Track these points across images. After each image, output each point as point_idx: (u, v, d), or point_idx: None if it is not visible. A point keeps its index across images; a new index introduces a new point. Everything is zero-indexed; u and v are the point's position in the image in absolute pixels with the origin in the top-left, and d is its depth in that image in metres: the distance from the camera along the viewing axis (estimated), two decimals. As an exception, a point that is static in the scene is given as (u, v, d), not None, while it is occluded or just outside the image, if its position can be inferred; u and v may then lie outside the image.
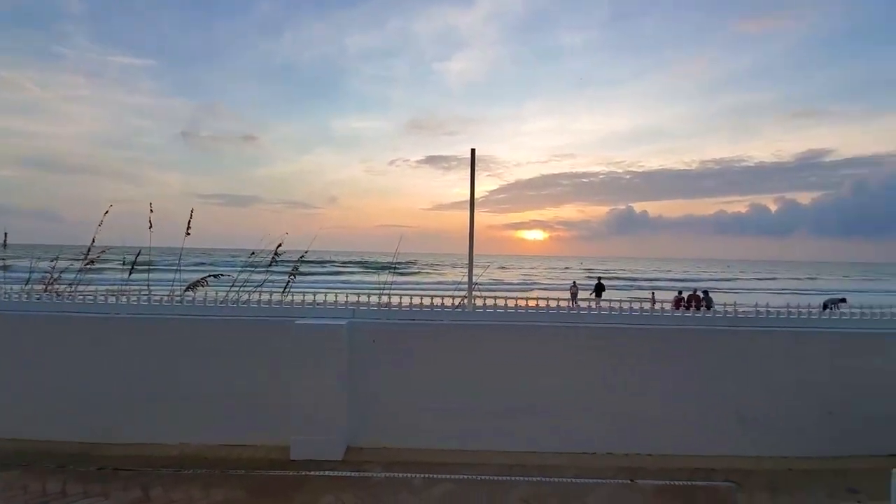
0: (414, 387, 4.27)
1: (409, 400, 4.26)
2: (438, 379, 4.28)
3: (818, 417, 4.25)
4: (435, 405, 4.26)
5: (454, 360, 4.29)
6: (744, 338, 4.37)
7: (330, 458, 3.97)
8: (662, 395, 4.27)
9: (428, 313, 4.42)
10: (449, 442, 4.23)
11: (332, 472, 3.79)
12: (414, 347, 4.31)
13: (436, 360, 4.29)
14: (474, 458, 4.06)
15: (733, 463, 4.05)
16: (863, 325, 4.50)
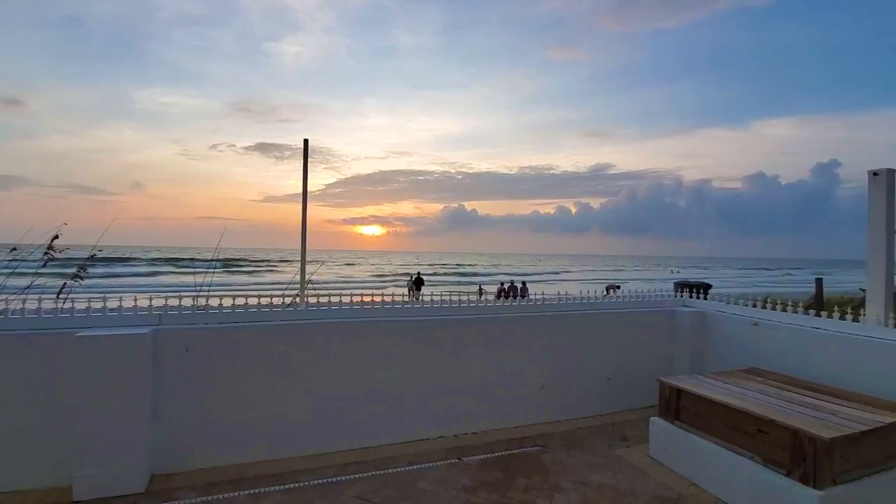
0: (238, 395, 3.89)
1: (233, 411, 3.87)
2: (267, 383, 3.98)
3: (600, 382, 5.20)
4: (264, 412, 3.95)
5: (284, 362, 4.04)
6: (547, 320, 5.08)
7: (128, 493, 3.36)
8: (482, 377, 4.71)
9: (254, 314, 4.07)
10: (280, 450, 3.97)
11: (131, 507, 3.22)
12: (238, 352, 3.92)
13: (264, 363, 3.98)
14: (310, 463, 3.89)
15: (539, 429, 4.70)
16: (630, 306, 5.65)
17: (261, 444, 3.94)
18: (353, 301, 4.47)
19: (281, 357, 4.03)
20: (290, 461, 3.92)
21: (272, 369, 4.00)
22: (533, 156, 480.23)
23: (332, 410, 4.15)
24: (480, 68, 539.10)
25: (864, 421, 3.16)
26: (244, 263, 62.88)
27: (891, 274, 4.17)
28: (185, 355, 3.76)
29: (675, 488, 3.62)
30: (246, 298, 4.12)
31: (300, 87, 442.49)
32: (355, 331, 4.28)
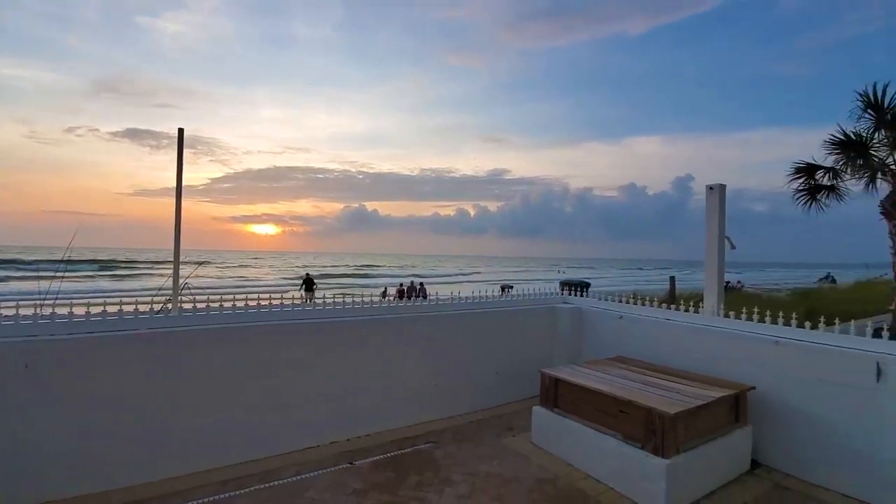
0: (93, 416, 3.41)
1: (89, 433, 3.38)
2: (130, 400, 3.54)
3: (490, 377, 5.47)
4: (127, 432, 3.51)
5: (151, 376, 3.63)
6: (441, 320, 5.22)
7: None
8: (376, 378, 4.69)
9: (115, 322, 3.60)
10: (146, 474, 3.56)
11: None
12: (94, 368, 3.44)
13: (126, 378, 3.54)
14: (183, 485, 3.54)
15: (433, 426, 4.81)
16: (517, 304, 6.03)
17: (123, 468, 3.50)
18: (236, 304, 4.17)
19: (146, 370, 3.62)
20: (160, 485, 3.53)
21: (135, 384, 3.58)
22: (434, 158, 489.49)
23: (209, 424, 3.83)
24: (383, 69, 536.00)
25: (700, 397, 3.73)
26: (112, 265, 55.29)
27: (722, 272, 4.97)
28: (24, 373, 3.21)
29: (553, 470, 3.94)
30: (104, 305, 3.63)
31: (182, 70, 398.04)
32: (237, 337, 4.00)
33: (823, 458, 3.76)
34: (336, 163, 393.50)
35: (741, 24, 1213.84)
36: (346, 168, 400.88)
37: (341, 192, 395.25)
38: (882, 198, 11.05)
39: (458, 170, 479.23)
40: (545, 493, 3.58)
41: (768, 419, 4.07)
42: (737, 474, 3.91)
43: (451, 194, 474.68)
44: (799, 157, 12.13)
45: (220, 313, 4.06)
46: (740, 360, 4.33)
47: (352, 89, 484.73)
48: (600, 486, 3.69)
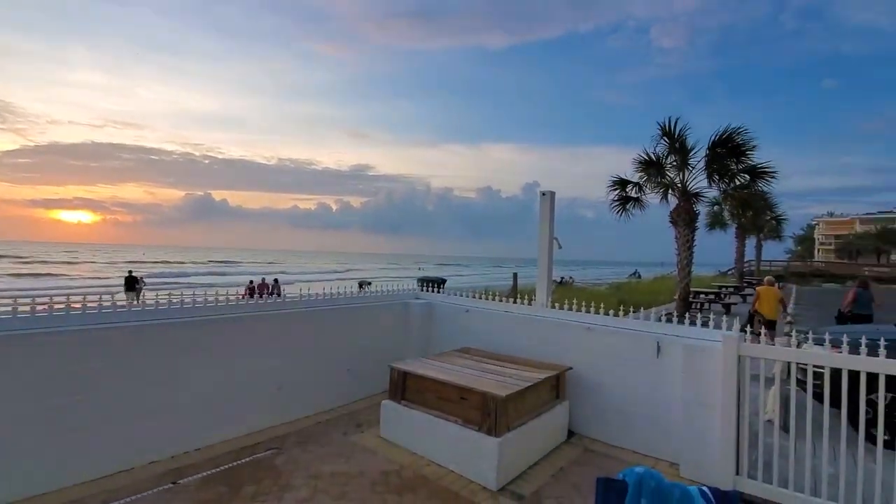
0: None
1: None
2: None
3: (341, 374, 5.37)
4: None
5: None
6: (289, 318, 4.95)
7: None
8: (209, 385, 4.25)
9: None
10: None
11: None
12: None
13: None
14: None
15: (276, 431, 4.54)
16: (370, 300, 6.02)
17: None
18: (18, 309, 3.38)
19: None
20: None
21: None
22: (295, 149, 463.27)
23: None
24: (236, 44, 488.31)
25: (528, 379, 4.17)
26: None
27: (551, 268, 5.64)
28: None
29: (399, 461, 4.03)
30: None
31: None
32: (26, 346, 3.25)
33: (621, 422, 4.52)
34: (176, 144, 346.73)
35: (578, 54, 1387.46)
36: (189, 151, 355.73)
37: (182, 177, 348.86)
38: (671, 209, 13.71)
39: (320, 162, 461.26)
40: (389, 484, 3.64)
41: (582, 394, 4.73)
42: (557, 444, 4.47)
43: (312, 187, 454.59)
44: (616, 173, 14.38)
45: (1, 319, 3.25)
46: (562, 344, 4.96)
47: (198, 61, 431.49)
48: (442, 470, 3.88)
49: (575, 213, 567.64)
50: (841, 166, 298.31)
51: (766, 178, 13.02)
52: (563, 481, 3.81)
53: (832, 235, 76.71)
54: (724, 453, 3.65)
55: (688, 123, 13.15)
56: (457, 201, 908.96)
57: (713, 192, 14.91)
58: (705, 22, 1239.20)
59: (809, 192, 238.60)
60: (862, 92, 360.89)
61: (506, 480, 3.71)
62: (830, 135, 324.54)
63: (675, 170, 13.47)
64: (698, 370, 3.87)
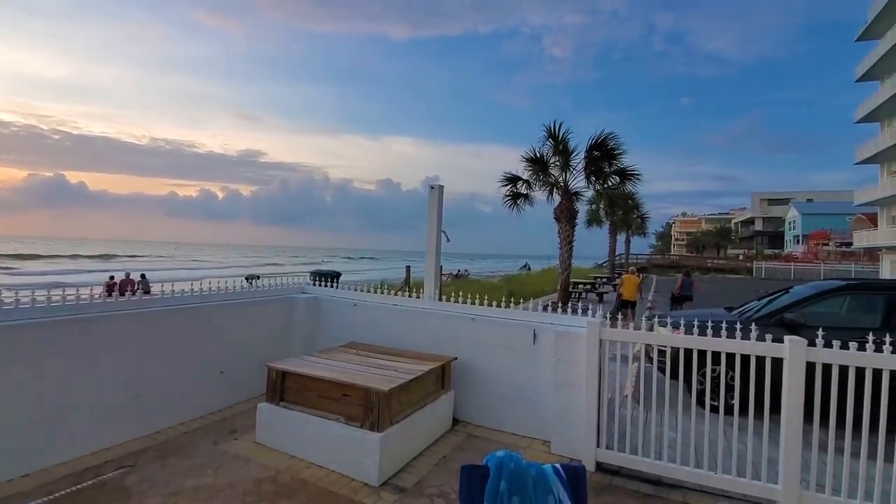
0: None
1: None
2: None
3: (213, 378, 4.91)
4: None
5: None
6: (152, 318, 4.39)
7: None
8: (42, 400, 3.61)
9: None
10: None
11: None
12: None
13: None
14: None
15: (131, 447, 4.00)
16: (249, 296, 5.59)
17: None
18: None
19: None
20: None
21: None
22: (171, 128, 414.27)
23: None
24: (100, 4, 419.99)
25: (413, 371, 4.18)
26: None
27: (438, 261, 5.72)
28: None
29: (275, 466, 3.80)
30: None
31: None
32: None
33: (502, 407, 4.75)
34: (16, 114, 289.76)
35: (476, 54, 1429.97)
36: (34, 123, 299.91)
37: (25, 154, 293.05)
38: (555, 207, 14.79)
39: (202, 145, 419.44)
40: (263, 492, 3.40)
41: (466, 383, 4.89)
42: (442, 432, 4.56)
43: (193, 173, 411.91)
44: (511, 170, 15.12)
45: None
46: (449, 336, 5.07)
47: (45, 18, 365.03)
48: (322, 471, 3.74)
49: (473, 209, 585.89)
50: (694, 174, 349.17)
51: (633, 180, 14.65)
52: (444, 469, 3.89)
53: (685, 232, 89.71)
54: (587, 428, 4.01)
55: (570, 128, 14.29)
56: (356, 193, 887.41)
57: (591, 192, 16.45)
58: (590, 36, 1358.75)
59: (669, 195, 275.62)
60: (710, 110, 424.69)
61: (388, 474, 3.68)
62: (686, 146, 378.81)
63: (559, 170, 14.56)
64: (566, 354, 4.20)
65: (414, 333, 5.29)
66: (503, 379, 4.76)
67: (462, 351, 4.93)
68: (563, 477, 1.95)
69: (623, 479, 3.80)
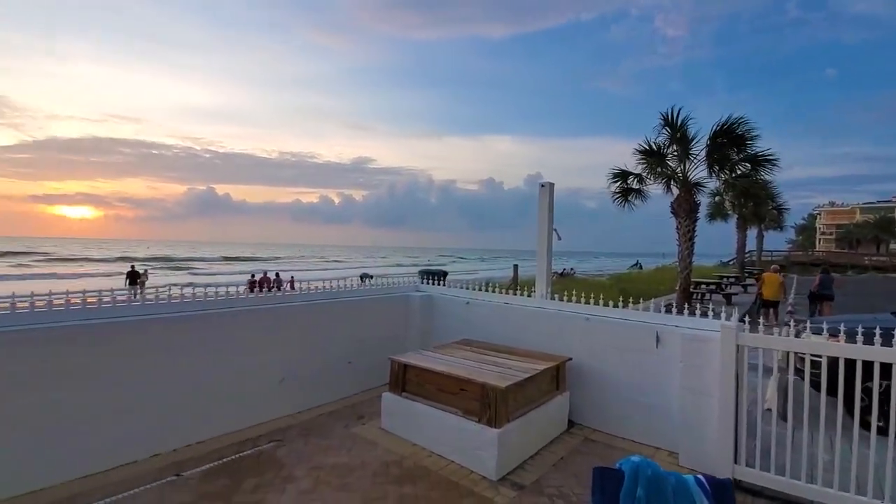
0: None
1: None
2: None
3: (342, 367, 5.40)
4: None
5: None
6: (289, 311, 4.97)
7: None
8: (211, 378, 4.27)
9: None
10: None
11: None
12: None
13: None
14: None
15: (278, 424, 4.58)
16: (370, 293, 6.04)
17: None
18: (16, 304, 3.39)
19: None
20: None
21: None
22: (295, 142, 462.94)
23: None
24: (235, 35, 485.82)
25: (527, 370, 4.19)
26: None
27: (550, 259, 5.64)
28: None
29: (399, 452, 4.06)
30: None
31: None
32: (31, 341, 3.27)
33: (621, 412, 4.54)
34: (177, 137, 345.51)
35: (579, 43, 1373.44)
36: (190, 145, 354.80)
37: (184, 171, 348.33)
38: (672, 200, 13.67)
39: (321, 155, 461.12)
40: (390, 475, 3.67)
41: (581, 384, 4.75)
42: (557, 434, 4.50)
43: (313, 181, 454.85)
44: (620, 164, 14.32)
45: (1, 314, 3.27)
46: (561, 335, 4.97)
47: (196, 53, 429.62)
48: (443, 461, 3.92)
49: (578, 204, 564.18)
50: (842, 155, 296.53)
51: (768, 167, 12.95)
52: (563, 470, 3.84)
53: (833, 225, 76.42)
54: (722, 442, 3.67)
55: (690, 113, 13.07)
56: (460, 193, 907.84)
57: (714, 183, 14.89)
58: (708, 11, 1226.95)
59: (810, 182, 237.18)
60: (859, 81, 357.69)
61: (506, 470, 3.74)
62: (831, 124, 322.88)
63: (677, 160, 13.42)
64: (696, 359, 3.88)
65: (526, 332, 5.28)
66: (622, 383, 4.54)
67: (576, 351, 4.81)
68: (707, 490, 1.82)
69: (766, 501, 3.42)
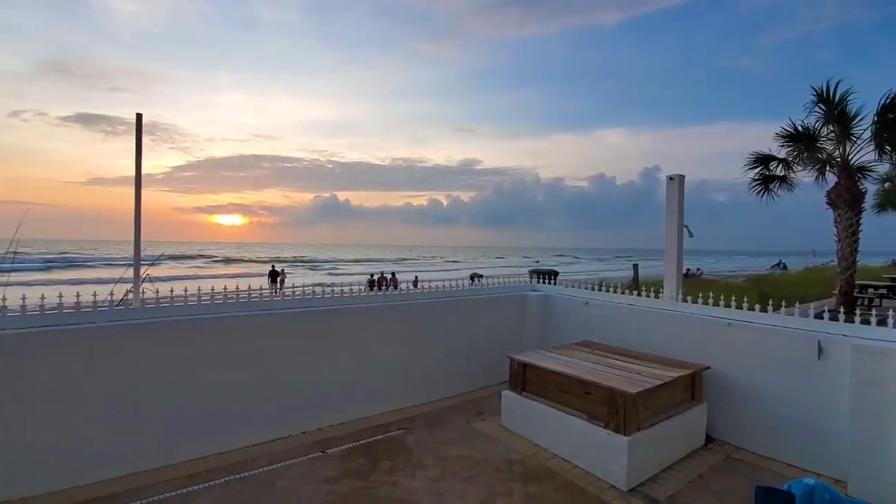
0: (53, 411, 3.30)
1: (43, 432, 3.26)
2: (89, 395, 3.43)
3: (461, 364, 5.56)
4: (85, 430, 3.41)
5: (111, 369, 3.53)
6: (411, 309, 5.25)
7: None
8: (348, 367, 4.70)
9: (71, 315, 3.47)
10: (111, 469, 3.48)
11: None
12: (50, 361, 3.31)
13: (84, 372, 3.43)
14: (149, 479, 3.48)
15: (405, 413, 4.88)
16: (487, 293, 6.13)
17: (86, 464, 3.40)
18: (203, 296, 4.08)
19: (107, 364, 3.52)
20: (125, 479, 3.46)
21: (96, 378, 3.47)
22: (405, 148, 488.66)
23: (172, 418, 3.76)
24: (350, 54, 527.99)
25: (659, 377, 3.92)
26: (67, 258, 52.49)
27: (681, 259, 5.20)
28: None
29: (522, 451, 4.07)
30: (60, 297, 3.48)
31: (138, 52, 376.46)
32: (199, 328, 3.92)
33: (771, 430, 4.03)
34: (305, 151, 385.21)
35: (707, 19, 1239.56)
36: (316, 157, 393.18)
37: (311, 181, 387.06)
38: (828, 189, 11.71)
39: (429, 159, 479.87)
40: (514, 472, 3.70)
41: (721, 396, 4.31)
42: (692, 449, 4.13)
43: (423, 184, 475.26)
44: (755, 150, 12.63)
45: (185, 305, 3.97)
46: (696, 341, 4.56)
47: (318, 75, 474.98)
48: (567, 465, 3.84)
49: (704, 198, 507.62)
50: None
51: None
52: (702, 489, 3.53)
53: None
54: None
55: (851, 86, 11.06)
56: (568, 191, 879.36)
57: (884, 167, 12.45)
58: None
59: None
60: None
61: (637, 481, 3.54)
62: None
63: (834, 142, 11.47)
64: (874, 376, 3.30)
65: (652, 336, 4.95)
66: (772, 397, 4.03)
67: (713, 359, 4.37)
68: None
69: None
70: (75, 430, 3.38)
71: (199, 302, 4.05)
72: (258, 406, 4.14)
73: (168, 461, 3.70)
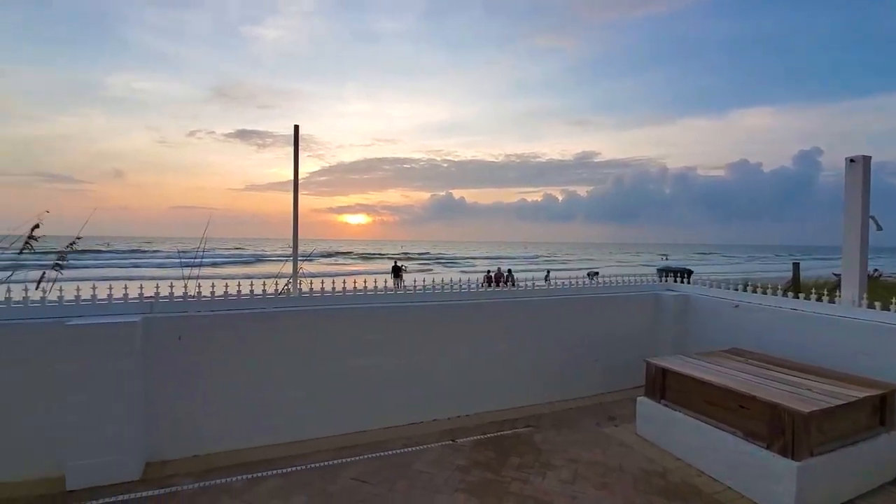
0: (231, 383, 3.90)
1: (225, 398, 3.88)
2: (260, 370, 3.99)
3: (588, 364, 5.33)
4: (255, 400, 3.97)
5: (277, 349, 4.05)
6: (536, 305, 5.17)
7: (122, 480, 3.37)
8: (474, 361, 4.79)
9: (246, 301, 4.06)
10: (273, 436, 4.01)
11: (128, 494, 3.23)
12: (230, 340, 3.92)
13: (257, 350, 3.99)
14: (304, 448, 3.94)
15: (530, 410, 4.83)
16: (616, 290, 5.78)
17: (254, 429, 3.96)
18: (346, 289, 4.48)
19: (273, 344, 4.05)
20: (284, 447, 3.96)
21: (265, 356, 4.02)
22: (518, 144, 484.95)
23: (323, 396, 4.19)
24: (465, 55, 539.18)
25: (837, 396, 3.32)
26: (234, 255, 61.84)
27: (865, 257, 4.35)
28: (177, 343, 3.76)
29: (661, 463, 3.77)
30: (239, 286, 4.10)
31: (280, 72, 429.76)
32: (347, 317, 4.31)
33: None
34: (421, 152, 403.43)
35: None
36: (431, 157, 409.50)
37: (427, 180, 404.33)
38: None
39: (543, 154, 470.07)
40: (653, 485, 3.44)
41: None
42: (880, 483, 3.44)
43: (537, 180, 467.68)
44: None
45: (333, 295, 4.39)
46: (886, 356, 3.78)
47: (434, 77, 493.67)
48: (717, 485, 3.46)
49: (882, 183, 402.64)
50: None
51: None
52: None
53: None
54: None
55: None
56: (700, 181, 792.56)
57: None
58: None
59: None
60: None
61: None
62: None
63: None
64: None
65: (823, 347, 4.22)
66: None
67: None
68: None
69: None
70: (242, 399, 3.95)
71: (344, 294, 4.45)
72: (394, 391, 4.43)
73: (315, 434, 4.14)
